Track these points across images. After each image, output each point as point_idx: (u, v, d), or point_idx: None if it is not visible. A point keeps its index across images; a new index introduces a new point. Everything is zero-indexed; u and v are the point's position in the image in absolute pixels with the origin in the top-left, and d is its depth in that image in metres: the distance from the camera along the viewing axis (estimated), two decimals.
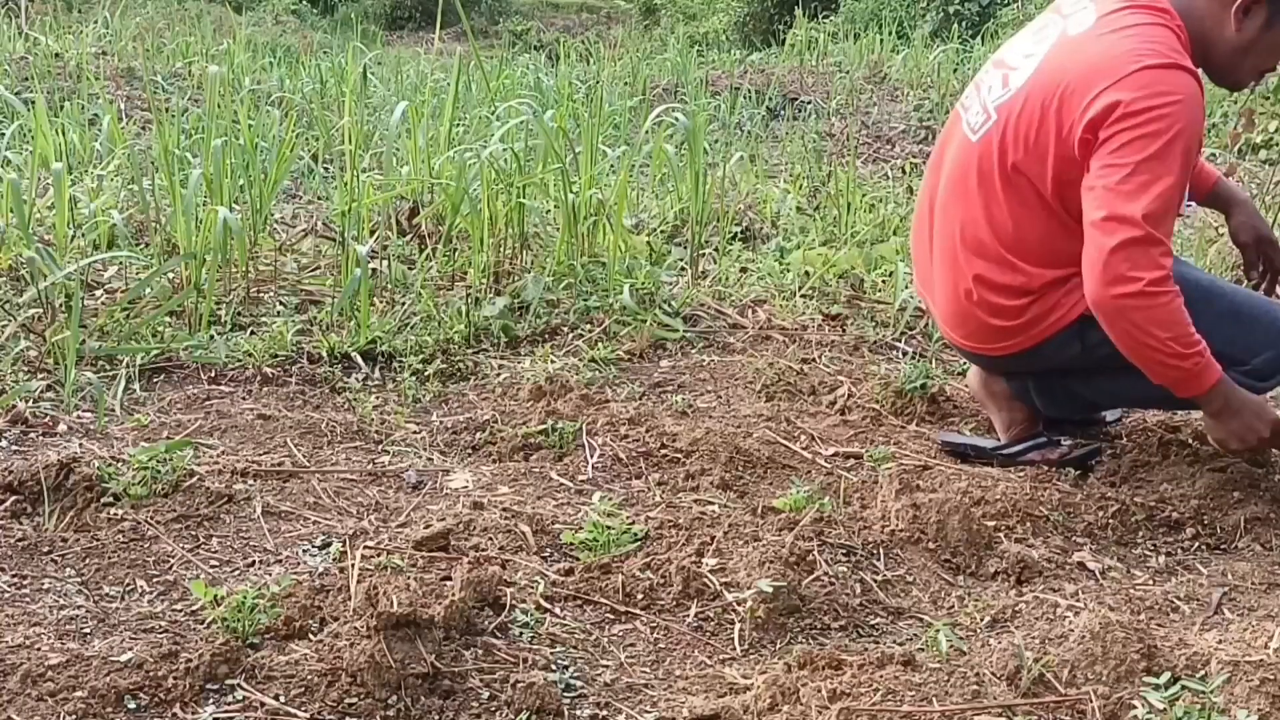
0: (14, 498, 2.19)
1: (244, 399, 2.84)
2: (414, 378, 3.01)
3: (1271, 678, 1.70)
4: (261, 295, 3.48)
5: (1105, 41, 2.42)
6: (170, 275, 3.35)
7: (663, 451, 2.61)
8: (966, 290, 2.59)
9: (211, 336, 3.10)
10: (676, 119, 4.33)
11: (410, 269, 3.64)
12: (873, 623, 2.03)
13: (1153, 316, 2.30)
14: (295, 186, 4.94)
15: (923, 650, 1.91)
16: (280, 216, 4.29)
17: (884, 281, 3.89)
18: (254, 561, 2.10)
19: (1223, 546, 2.36)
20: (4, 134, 4.15)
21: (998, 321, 2.58)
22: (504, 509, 2.29)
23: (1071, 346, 2.57)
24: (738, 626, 1.96)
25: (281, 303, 3.45)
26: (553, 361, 3.15)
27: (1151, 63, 2.33)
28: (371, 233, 3.81)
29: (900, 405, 2.96)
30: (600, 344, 3.28)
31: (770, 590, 1.97)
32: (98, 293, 3.36)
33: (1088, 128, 2.35)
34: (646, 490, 2.46)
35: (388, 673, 1.71)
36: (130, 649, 1.75)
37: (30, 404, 2.63)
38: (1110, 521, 2.40)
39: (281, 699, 1.69)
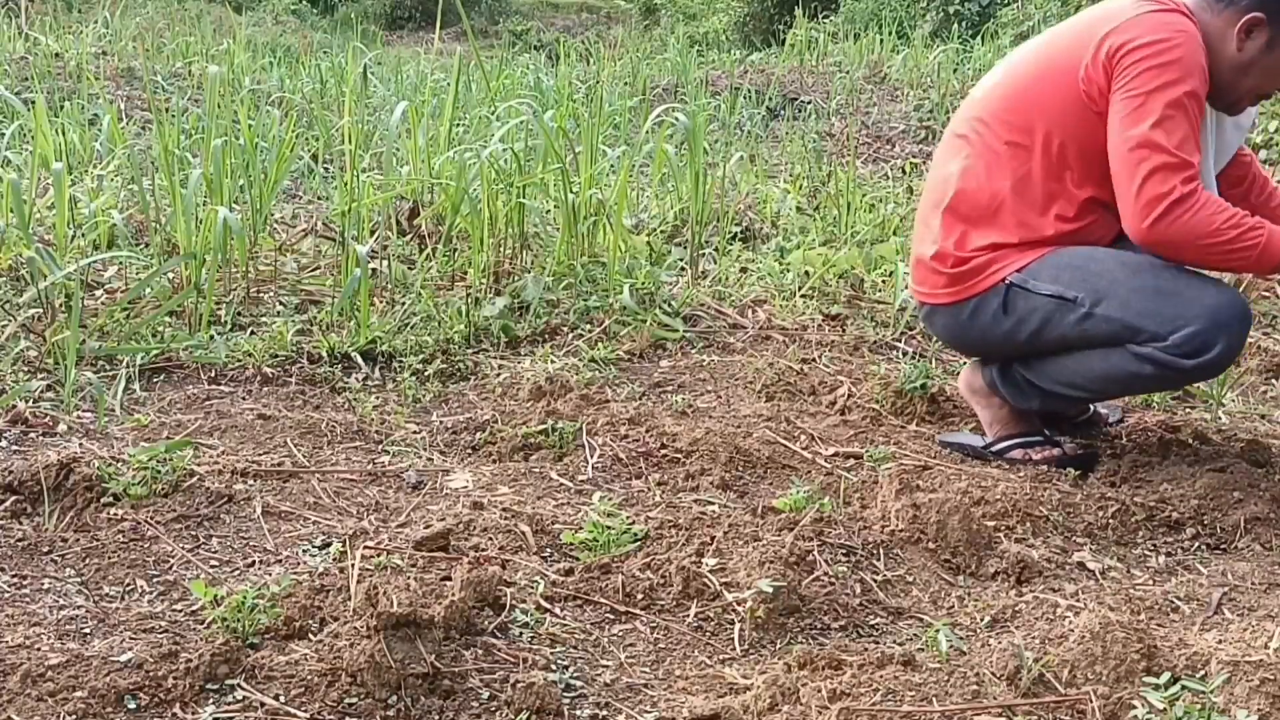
0: (14, 498, 2.19)
1: (244, 399, 2.84)
2: (414, 378, 3.01)
3: (1271, 678, 1.70)
4: (261, 295, 3.48)
5: (1109, 3, 2.56)
6: (170, 275, 3.35)
7: (663, 451, 2.61)
8: (933, 236, 2.67)
9: (211, 336, 3.11)
10: (676, 119, 4.33)
11: (410, 269, 3.64)
12: (873, 623, 2.03)
13: (1195, 223, 2.38)
14: (295, 186, 4.95)
15: (923, 650, 1.91)
16: (280, 216, 4.29)
17: (884, 281, 3.89)
18: (254, 561, 2.09)
19: (1223, 546, 2.36)
20: (4, 134, 4.15)
21: (939, 267, 2.65)
22: (504, 509, 2.29)
23: (1000, 318, 2.59)
24: (738, 626, 1.96)
25: (281, 303, 3.45)
26: (553, 361, 3.15)
27: (1152, 8, 2.46)
28: (371, 233, 3.81)
29: (900, 405, 2.96)
30: (600, 344, 3.28)
31: (770, 590, 1.97)
32: (98, 293, 3.37)
33: (1092, 68, 2.46)
34: (646, 490, 2.46)
35: (388, 673, 1.71)
36: (130, 649, 1.75)
37: (30, 404, 2.63)
38: (1110, 521, 2.40)
39: (281, 699, 1.69)
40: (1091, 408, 2.91)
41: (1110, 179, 2.48)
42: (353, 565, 1.98)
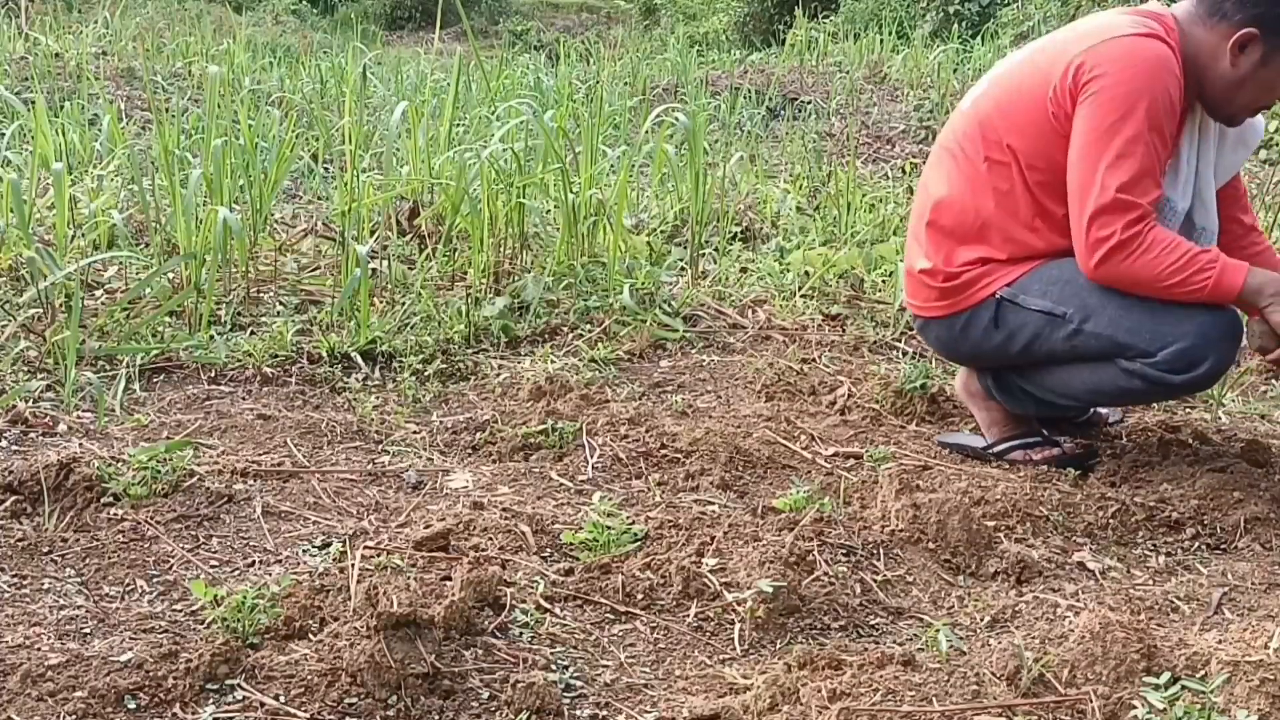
0: (14, 498, 2.19)
1: (244, 399, 2.84)
2: (414, 378, 3.01)
3: (1271, 678, 1.70)
4: (261, 295, 3.48)
5: (1092, 18, 2.55)
6: (170, 275, 3.35)
7: (663, 451, 2.61)
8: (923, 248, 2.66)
9: (211, 336, 3.11)
10: (676, 119, 4.33)
11: (410, 269, 3.64)
12: (873, 623, 2.03)
13: (1138, 267, 2.38)
14: (295, 186, 4.95)
15: (923, 650, 1.91)
16: (280, 216, 4.29)
17: (884, 281, 3.89)
18: (254, 561, 2.10)
19: (1223, 546, 2.36)
20: (4, 134, 4.15)
21: (930, 281, 2.65)
22: (504, 509, 2.29)
23: (992, 332, 2.59)
24: (738, 626, 1.96)
25: (281, 303, 3.45)
26: (553, 361, 3.15)
27: (1131, 31, 2.42)
28: (371, 233, 3.81)
29: (900, 405, 2.96)
30: (600, 344, 3.28)
31: (770, 590, 1.97)
32: (98, 293, 3.37)
33: (1059, 89, 2.43)
34: (646, 490, 2.46)
35: (388, 673, 1.71)
36: (130, 649, 1.75)
37: (30, 404, 2.63)
38: (1110, 521, 2.40)
39: (281, 699, 1.69)
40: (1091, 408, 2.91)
41: None
42: (353, 565, 1.98)
